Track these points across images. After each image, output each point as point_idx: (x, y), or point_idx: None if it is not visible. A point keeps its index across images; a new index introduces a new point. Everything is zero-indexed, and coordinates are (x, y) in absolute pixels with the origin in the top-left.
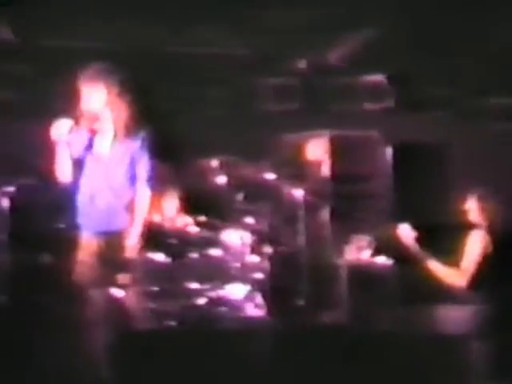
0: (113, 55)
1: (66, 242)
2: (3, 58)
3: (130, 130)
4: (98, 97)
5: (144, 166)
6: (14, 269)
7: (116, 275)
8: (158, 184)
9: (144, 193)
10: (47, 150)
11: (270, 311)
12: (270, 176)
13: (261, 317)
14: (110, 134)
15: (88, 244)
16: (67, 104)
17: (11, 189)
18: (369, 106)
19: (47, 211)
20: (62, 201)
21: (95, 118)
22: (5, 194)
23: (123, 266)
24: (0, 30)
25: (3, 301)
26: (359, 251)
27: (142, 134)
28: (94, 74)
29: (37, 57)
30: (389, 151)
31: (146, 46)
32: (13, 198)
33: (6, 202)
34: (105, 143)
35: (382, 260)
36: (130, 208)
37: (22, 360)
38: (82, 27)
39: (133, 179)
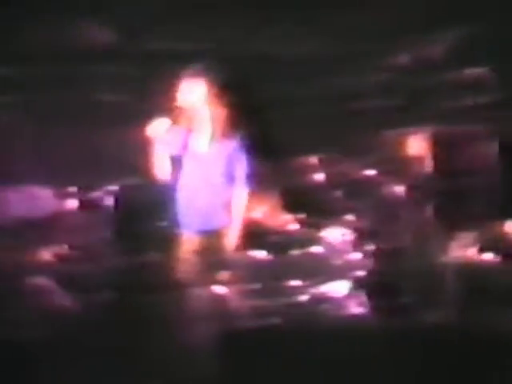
0: (214, 56)
1: (168, 241)
2: (107, 60)
3: (229, 130)
4: (197, 96)
5: (242, 165)
6: (118, 266)
7: (217, 273)
8: (257, 182)
9: (242, 192)
10: (149, 150)
11: (373, 309)
12: (371, 172)
13: (364, 315)
14: (207, 133)
15: (189, 242)
16: (167, 103)
17: (115, 188)
18: (473, 100)
19: (149, 210)
20: (164, 199)
21: (193, 116)
22: (109, 193)
23: (224, 263)
24: (104, 33)
25: (108, 297)
26: (465, 248)
27: (241, 133)
28: (194, 74)
29: (139, 59)
30: (494, 146)
31: (247, 47)
32: (117, 197)
33: (110, 201)
34: (203, 142)
35: (488, 257)
36: (229, 207)
37: (125, 357)
38: (183, 29)
39: (231, 178)
